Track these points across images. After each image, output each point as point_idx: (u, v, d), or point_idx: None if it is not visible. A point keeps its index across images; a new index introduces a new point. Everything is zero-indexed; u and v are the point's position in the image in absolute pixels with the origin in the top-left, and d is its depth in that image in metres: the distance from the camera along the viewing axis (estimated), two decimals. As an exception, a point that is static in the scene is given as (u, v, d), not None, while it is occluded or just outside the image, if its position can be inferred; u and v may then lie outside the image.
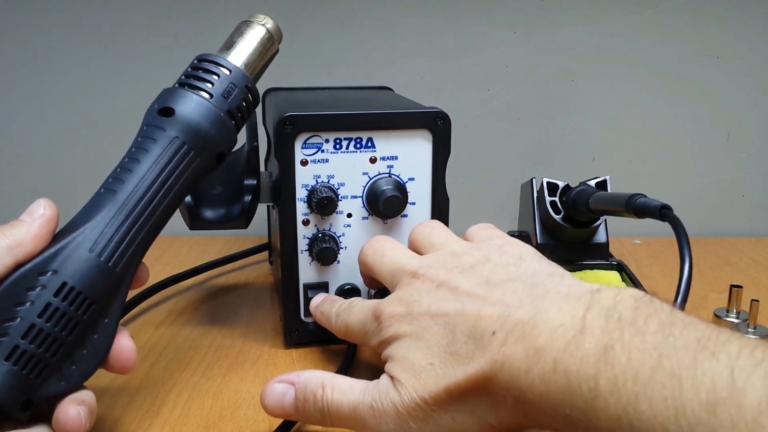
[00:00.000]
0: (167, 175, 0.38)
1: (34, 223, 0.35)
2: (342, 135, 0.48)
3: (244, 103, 0.42)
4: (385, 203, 0.48)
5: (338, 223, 0.50)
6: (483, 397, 0.31)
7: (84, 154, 0.79)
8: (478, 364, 0.31)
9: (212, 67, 0.41)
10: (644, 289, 0.57)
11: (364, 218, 0.50)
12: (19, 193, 0.80)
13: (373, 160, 0.49)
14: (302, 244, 0.50)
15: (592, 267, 0.60)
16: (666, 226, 0.49)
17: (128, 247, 0.37)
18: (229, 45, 0.43)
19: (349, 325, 0.41)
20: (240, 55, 0.42)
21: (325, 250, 0.49)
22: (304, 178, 0.48)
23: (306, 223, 0.49)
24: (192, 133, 0.39)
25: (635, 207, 0.51)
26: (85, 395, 0.35)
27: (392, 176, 0.50)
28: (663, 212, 0.49)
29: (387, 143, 0.49)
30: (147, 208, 0.37)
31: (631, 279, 0.59)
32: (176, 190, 0.39)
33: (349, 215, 0.50)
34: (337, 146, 0.49)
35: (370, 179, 0.50)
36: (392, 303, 0.38)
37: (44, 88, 0.78)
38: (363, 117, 0.49)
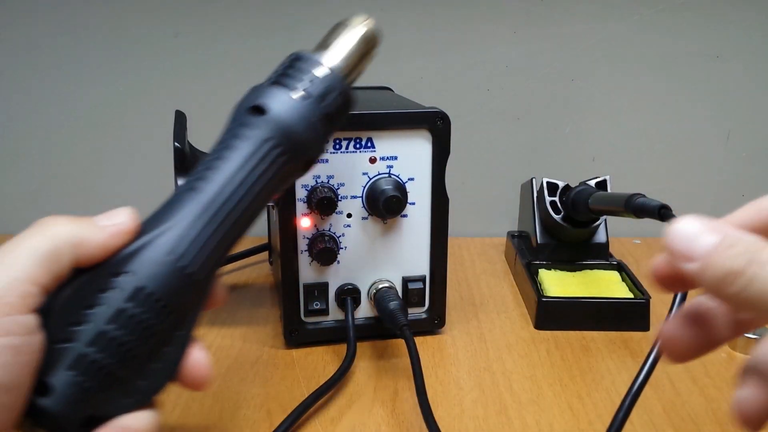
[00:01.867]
0: (256, 178, 0.33)
1: (106, 229, 0.31)
2: (342, 135, 0.48)
3: (340, 108, 0.37)
4: (385, 203, 0.48)
5: (338, 223, 0.50)
6: None
7: (84, 153, 0.79)
8: None
9: (310, 67, 0.36)
10: (645, 289, 0.57)
11: (363, 218, 0.50)
12: (19, 193, 0.81)
13: (372, 160, 0.49)
14: (302, 244, 0.50)
15: (592, 267, 0.60)
16: (666, 226, 0.49)
17: (211, 253, 0.32)
18: (326, 45, 0.38)
19: None
20: (338, 56, 0.38)
21: (325, 250, 0.49)
22: (303, 178, 0.48)
23: (306, 223, 0.49)
24: (285, 135, 0.34)
25: (634, 207, 0.51)
26: (148, 418, 0.31)
27: (392, 176, 0.50)
28: (662, 212, 0.49)
29: (387, 143, 0.49)
30: (232, 211, 0.33)
31: (631, 279, 0.58)
32: (263, 195, 0.34)
33: (349, 215, 0.50)
34: (337, 146, 0.49)
35: (370, 179, 0.50)
36: None
37: (44, 88, 0.78)
38: (363, 117, 0.49)
